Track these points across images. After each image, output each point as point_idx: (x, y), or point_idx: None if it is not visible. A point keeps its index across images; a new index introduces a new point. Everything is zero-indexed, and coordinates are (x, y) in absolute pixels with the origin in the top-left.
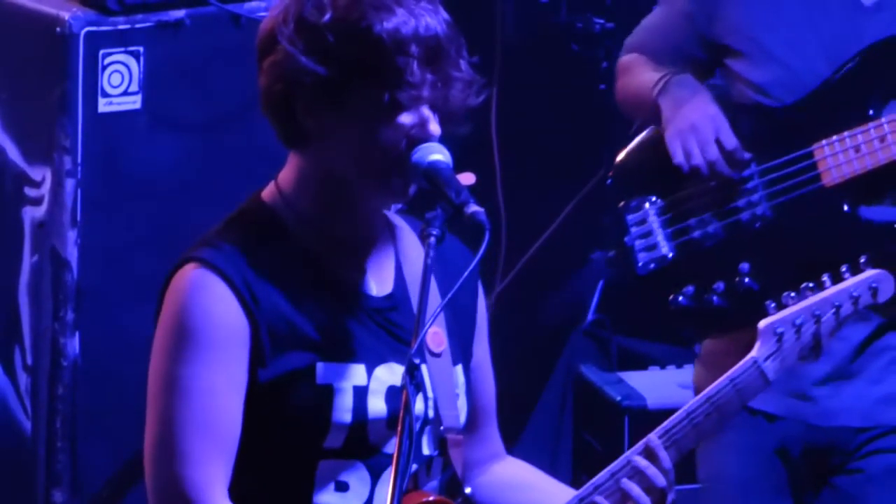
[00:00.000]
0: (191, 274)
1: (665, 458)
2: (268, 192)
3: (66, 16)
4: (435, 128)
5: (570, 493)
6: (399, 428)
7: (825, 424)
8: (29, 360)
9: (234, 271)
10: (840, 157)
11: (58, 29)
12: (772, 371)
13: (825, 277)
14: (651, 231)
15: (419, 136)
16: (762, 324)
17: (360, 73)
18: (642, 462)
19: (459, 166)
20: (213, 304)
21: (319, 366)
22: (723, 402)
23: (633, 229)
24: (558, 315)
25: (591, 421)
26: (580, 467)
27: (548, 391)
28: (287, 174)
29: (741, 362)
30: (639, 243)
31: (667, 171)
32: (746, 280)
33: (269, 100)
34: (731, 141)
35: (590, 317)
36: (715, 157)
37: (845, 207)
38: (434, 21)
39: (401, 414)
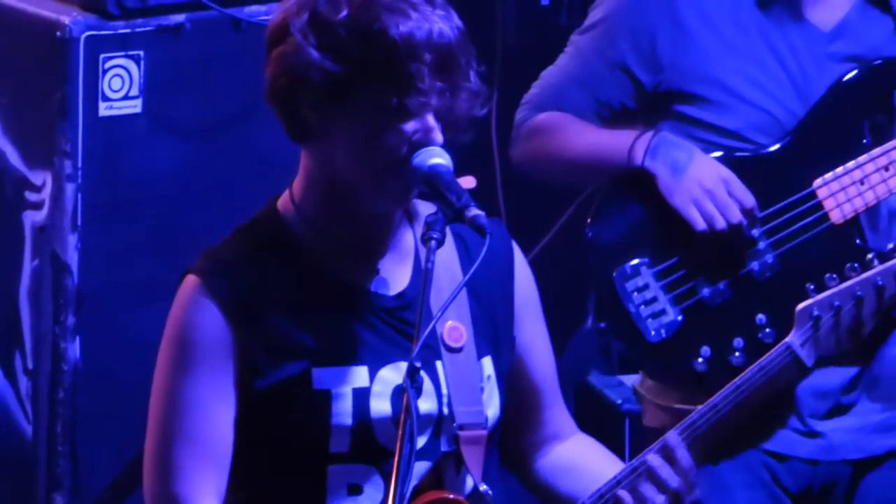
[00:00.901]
0: (186, 286)
1: (684, 456)
2: (282, 201)
3: (66, 20)
4: (438, 136)
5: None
6: (399, 431)
7: (830, 459)
8: (30, 364)
9: (224, 282)
10: (847, 192)
11: (58, 33)
12: (808, 357)
13: (871, 255)
14: (656, 297)
15: (422, 142)
16: (799, 307)
17: (370, 74)
18: (656, 461)
19: (460, 170)
20: (198, 317)
21: (315, 371)
22: (752, 391)
23: (636, 296)
24: (559, 318)
25: (591, 424)
26: None
27: None
28: (298, 178)
29: (775, 347)
30: (644, 310)
31: (658, 233)
32: (767, 331)
33: (275, 91)
34: (749, 199)
35: (590, 321)
36: (738, 219)
37: (857, 241)
38: (448, 28)
39: (402, 417)
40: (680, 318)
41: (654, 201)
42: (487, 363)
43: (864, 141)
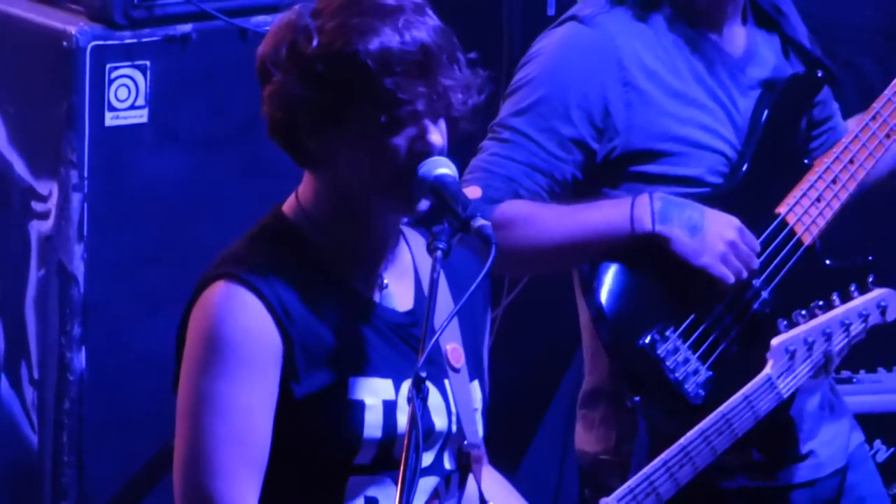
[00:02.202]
0: (223, 290)
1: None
2: (289, 206)
3: (72, 30)
4: (436, 138)
5: None
6: (406, 441)
7: (824, 475)
8: (35, 375)
9: (266, 287)
10: (809, 213)
11: (64, 43)
12: (786, 388)
13: (834, 296)
14: (688, 358)
15: (421, 149)
16: (775, 342)
17: (353, 97)
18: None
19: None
20: (247, 320)
21: (351, 381)
22: (737, 420)
23: (670, 362)
24: (565, 329)
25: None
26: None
27: (555, 405)
28: (305, 190)
29: (756, 379)
30: (681, 375)
31: (670, 294)
32: None
33: (274, 127)
34: (756, 243)
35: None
36: (757, 266)
37: (827, 262)
38: (421, 32)
39: (407, 427)
40: (711, 373)
41: (661, 264)
42: (476, 385)
43: (805, 161)
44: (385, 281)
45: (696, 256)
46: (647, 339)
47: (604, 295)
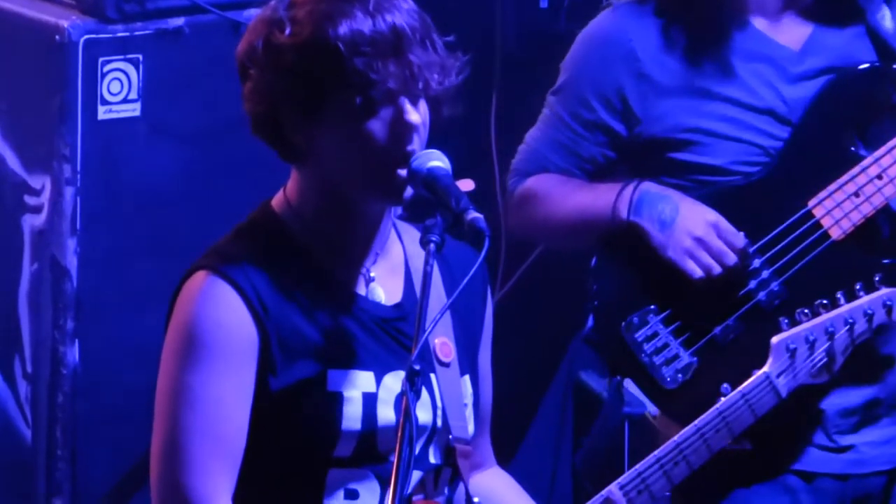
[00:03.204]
0: (201, 282)
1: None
2: (277, 202)
3: (65, 24)
4: (414, 117)
5: None
6: (399, 435)
7: (861, 472)
8: (29, 369)
9: (244, 280)
10: (842, 207)
11: (57, 37)
12: (784, 387)
13: (839, 294)
14: (667, 343)
15: (401, 129)
16: (775, 339)
17: (327, 83)
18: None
19: (459, 173)
20: (224, 314)
21: (330, 373)
22: (734, 418)
23: (647, 346)
24: (558, 322)
25: (590, 428)
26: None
27: (548, 398)
28: (293, 184)
29: (754, 377)
30: (657, 358)
31: (658, 280)
32: None
33: (256, 122)
34: (739, 239)
35: (589, 324)
36: (733, 261)
37: (861, 253)
38: (392, 14)
39: (401, 421)
40: (694, 359)
41: (649, 250)
42: (467, 381)
43: (852, 149)
44: (372, 274)
45: (664, 250)
46: (627, 322)
47: (596, 277)
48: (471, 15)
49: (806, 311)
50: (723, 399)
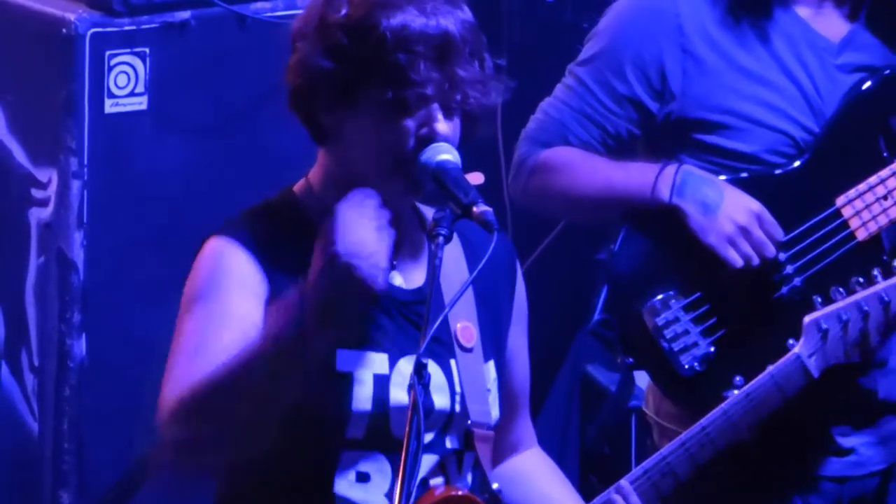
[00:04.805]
0: (214, 242)
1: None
2: (299, 186)
3: (71, 17)
4: (443, 127)
5: (570, 499)
6: (406, 428)
7: (860, 474)
8: (35, 362)
9: (258, 250)
10: (871, 209)
11: (64, 30)
12: (815, 367)
13: (875, 272)
14: (687, 330)
15: (427, 135)
16: (807, 319)
17: (368, 71)
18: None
19: (464, 166)
20: (237, 263)
21: (340, 353)
22: (762, 399)
23: (667, 331)
24: (564, 315)
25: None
26: (587, 467)
27: (554, 391)
28: (316, 170)
29: (784, 358)
30: (676, 345)
31: (683, 265)
32: None
33: (293, 97)
34: (779, 232)
35: (596, 317)
36: (773, 254)
37: (884, 258)
38: (447, 20)
39: (409, 413)
40: (712, 349)
41: (679, 234)
42: (492, 366)
43: (885, 154)
44: (394, 262)
45: (705, 234)
46: (649, 305)
47: (618, 254)
48: (477, 8)
49: (841, 289)
50: (735, 391)
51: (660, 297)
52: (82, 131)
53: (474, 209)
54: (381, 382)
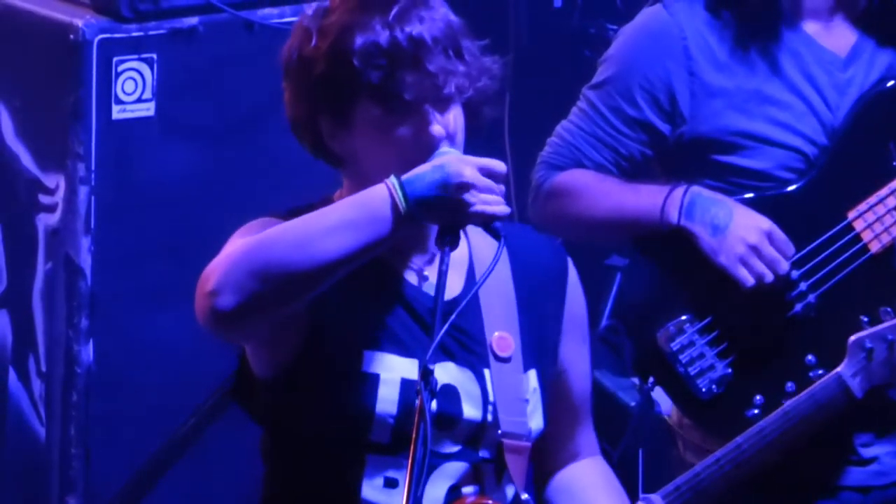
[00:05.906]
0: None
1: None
2: (338, 195)
3: (79, 23)
4: (438, 128)
5: None
6: (413, 435)
7: (883, 483)
8: (43, 367)
9: None
10: (883, 221)
11: (71, 36)
12: (858, 388)
13: None
14: (703, 353)
15: (426, 140)
16: (852, 338)
17: (351, 92)
18: None
19: None
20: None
21: (365, 353)
22: (801, 418)
23: (682, 356)
24: None
25: (604, 426)
26: None
27: None
28: (345, 183)
29: (826, 377)
30: (692, 369)
31: (696, 288)
32: (819, 371)
33: (295, 129)
34: (790, 248)
35: (603, 322)
36: (785, 271)
37: None
38: (413, 26)
39: (416, 420)
40: (729, 370)
41: (690, 256)
42: (532, 376)
43: (895, 164)
44: (426, 273)
45: (715, 255)
46: (663, 330)
47: (631, 278)
48: (484, 13)
49: (889, 309)
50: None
51: (674, 321)
52: (90, 137)
53: None
54: (408, 387)
